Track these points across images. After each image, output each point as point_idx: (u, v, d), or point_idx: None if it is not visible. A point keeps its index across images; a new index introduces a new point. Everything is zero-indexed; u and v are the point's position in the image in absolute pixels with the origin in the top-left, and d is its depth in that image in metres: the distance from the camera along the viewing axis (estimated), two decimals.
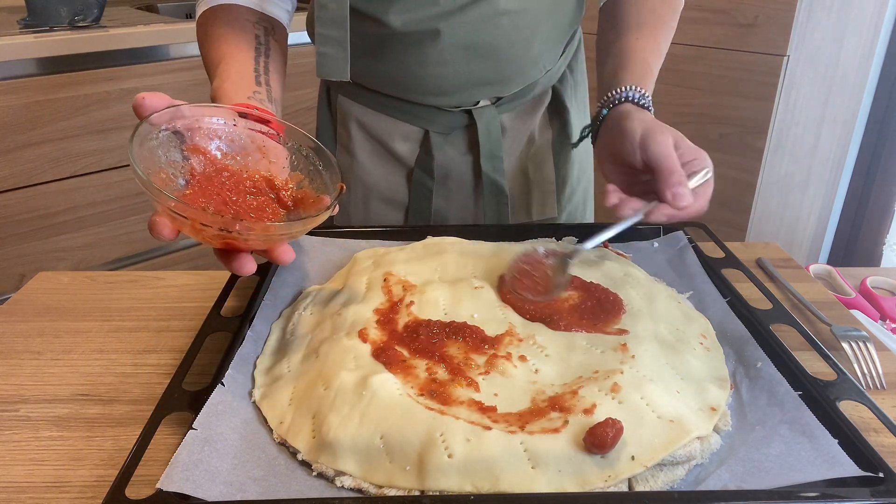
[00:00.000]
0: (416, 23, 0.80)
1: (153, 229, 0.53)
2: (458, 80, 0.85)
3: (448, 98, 0.88)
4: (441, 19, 0.80)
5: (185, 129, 0.59)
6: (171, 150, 0.58)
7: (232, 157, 0.61)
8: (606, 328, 0.65)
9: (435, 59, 0.83)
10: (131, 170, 0.52)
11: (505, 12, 0.81)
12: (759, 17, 1.72)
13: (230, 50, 0.75)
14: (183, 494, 0.47)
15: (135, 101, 0.56)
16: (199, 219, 0.52)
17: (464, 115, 0.90)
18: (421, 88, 0.87)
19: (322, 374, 0.59)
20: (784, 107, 1.78)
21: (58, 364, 0.69)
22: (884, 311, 0.94)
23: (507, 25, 0.82)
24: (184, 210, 0.51)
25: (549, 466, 0.49)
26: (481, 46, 0.83)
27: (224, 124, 0.61)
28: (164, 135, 0.58)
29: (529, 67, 0.88)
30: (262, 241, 0.55)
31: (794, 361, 0.60)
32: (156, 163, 0.56)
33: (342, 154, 0.97)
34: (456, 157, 0.93)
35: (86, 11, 1.69)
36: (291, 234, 0.57)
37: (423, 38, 0.81)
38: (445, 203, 0.95)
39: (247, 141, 0.62)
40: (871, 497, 0.47)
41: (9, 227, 1.61)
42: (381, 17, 0.80)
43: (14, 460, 0.56)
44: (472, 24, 0.81)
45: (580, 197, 1.04)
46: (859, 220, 2.30)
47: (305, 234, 0.59)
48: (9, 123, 1.54)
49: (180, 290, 0.82)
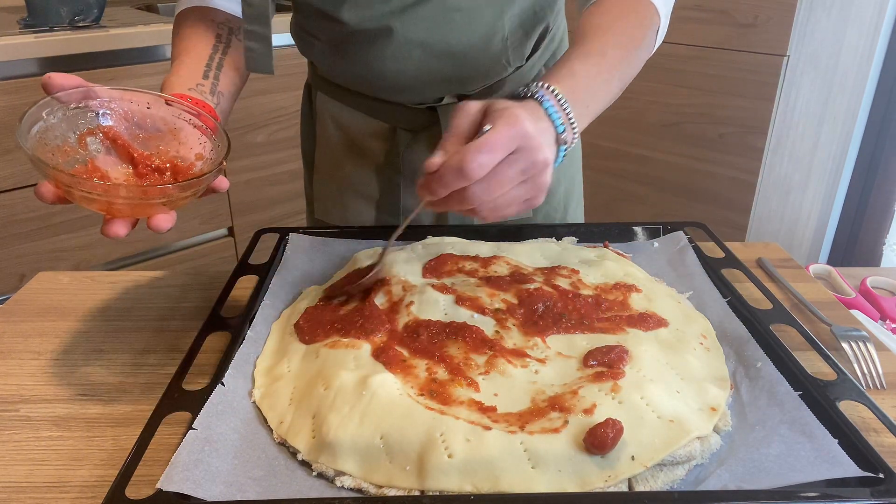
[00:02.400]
0: (369, 20, 0.80)
1: (37, 193, 0.56)
2: (416, 77, 0.85)
3: (409, 95, 0.88)
4: (393, 17, 0.79)
5: (96, 108, 0.62)
6: (77, 127, 0.61)
7: (141, 138, 0.64)
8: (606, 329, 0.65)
9: (391, 56, 0.82)
10: (17, 138, 0.55)
11: (457, 9, 0.80)
12: (759, 17, 1.72)
13: (188, 46, 0.78)
14: (183, 494, 0.47)
15: (42, 80, 0.59)
16: (54, 178, 0.55)
17: (429, 112, 0.90)
18: (382, 85, 0.87)
19: (322, 374, 0.59)
20: (784, 107, 1.78)
21: (58, 364, 0.69)
22: (884, 311, 0.94)
23: (461, 21, 0.81)
24: (43, 168, 0.54)
25: (549, 466, 0.49)
26: (435, 44, 0.82)
27: (138, 106, 0.64)
28: (71, 112, 0.61)
29: (492, 65, 0.87)
30: (129, 205, 0.57)
31: (794, 361, 0.60)
32: (58, 137, 0.59)
33: (321, 149, 0.98)
34: (423, 153, 0.92)
35: (86, 11, 1.69)
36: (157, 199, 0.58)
37: (377, 35, 0.81)
38: (414, 199, 0.95)
39: (160, 123, 0.65)
40: (871, 497, 0.47)
41: (9, 227, 1.61)
42: (334, 15, 0.80)
43: (14, 460, 0.56)
44: (424, 21, 0.80)
45: (560, 198, 1.01)
46: (859, 220, 2.30)
47: (182, 202, 0.60)
48: (9, 123, 1.54)
49: (180, 290, 0.82)
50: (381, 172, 0.95)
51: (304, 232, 0.85)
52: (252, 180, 1.93)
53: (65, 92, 0.60)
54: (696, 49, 1.84)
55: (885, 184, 2.22)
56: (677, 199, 1.99)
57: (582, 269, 0.74)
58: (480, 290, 0.70)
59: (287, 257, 0.80)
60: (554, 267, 0.75)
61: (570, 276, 0.73)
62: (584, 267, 0.75)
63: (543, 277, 0.72)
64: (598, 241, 0.84)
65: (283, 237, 0.84)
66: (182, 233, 1.84)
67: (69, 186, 0.55)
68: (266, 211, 1.99)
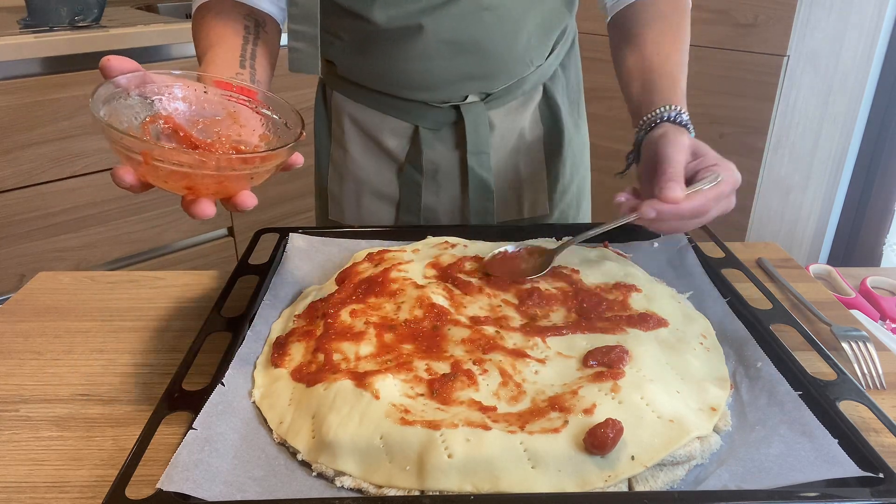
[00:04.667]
0: (400, 18, 0.81)
1: (115, 177, 0.54)
2: (443, 76, 0.86)
3: (434, 93, 0.88)
4: (424, 14, 0.80)
5: (153, 95, 0.60)
6: (136, 114, 0.59)
7: (201, 124, 0.62)
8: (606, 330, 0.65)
9: (419, 55, 0.83)
10: (91, 119, 0.53)
11: (488, 7, 0.81)
12: (759, 17, 1.72)
13: (218, 39, 0.77)
14: (183, 494, 0.47)
15: (101, 63, 0.57)
16: (150, 152, 0.52)
17: (452, 110, 0.90)
18: (407, 84, 0.87)
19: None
20: (784, 107, 1.78)
21: (58, 364, 0.69)
22: (884, 311, 0.94)
23: (490, 20, 0.82)
24: (134, 144, 0.52)
25: (549, 466, 0.49)
26: (465, 41, 0.83)
27: (195, 91, 0.62)
28: (132, 100, 0.58)
29: (516, 63, 0.88)
30: (216, 179, 0.55)
31: (794, 361, 0.60)
32: (121, 123, 0.57)
33: (337, 149, 0.98)
34: (445, 152, 0.93)
35: (86, 11, 1.69)
36: (245, 170, 0.56)
37: (407, 33, 0.82)
38: (435, 198, 0.96)
39: (217, 108, 0.63)
40: (871, 497, 0.47)
41: (9, 227, 1.61)
42: (364, 14, 0.81)
43: (14, 460, 0.56)
44: (455, 19, 0.81)
45: (573, 195, 1.04)
46: (859, 220, 2.30)
47: (264, 176, 0.58)
48: (9, 123, 1.54)
49: (180, 290, 0.82)
50: (402, 172, 0.95)
51: (304, 232, 0.85)
52: None
53: (124, 76, 0.58)
54: (696, 49, 1.82)
55: (885, 184, 2.22)
56: None
57: (582, 269, 0.74)
58: (481, 291, 0.70)
59: (287, 257, 0.80)
60: (554, 267, 0.75)
61: (571, 276, 0.73)
62: (584, 267, 0.75)
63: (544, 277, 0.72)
64: (598, 241, 0.84)
65: (283, 237, 0.84)
66: (182, 233, 1.84)
67: (160, 160, 0.51)
68: (266, 211, 1.99)
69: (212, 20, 0.79)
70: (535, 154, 0.98)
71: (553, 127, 0.98)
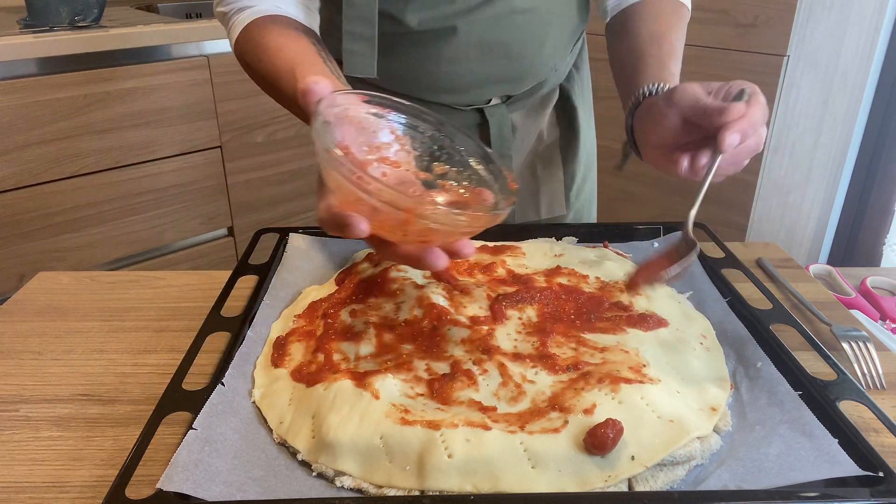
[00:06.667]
0: (433, 21, 0.81)
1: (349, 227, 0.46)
2: (471, 78, 0.86)
3: (460, 96, 0.88)
4: (458, 17, 0.81)
5: (335, 119, 0.54)
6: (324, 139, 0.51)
7: (375, 149, 0.57)
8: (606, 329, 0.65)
9: (449, 57, 0.83)
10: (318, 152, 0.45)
11: (520, 10, 0.82)
12: (759, 17, 1.72)
13: (300, 50, 0.73)
14: (183, 494, 0.47)
15: (303, 86, 0.54)
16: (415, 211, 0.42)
17: (476, 113, 0.90)
18: (434, 86, 0.87)
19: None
20: (784, 107, 1.78)
21: (58, 364, 0.69)
22: (884, 311, 0.94)
23: (521, 23, 0.83)
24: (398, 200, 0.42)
25: (549, 466, 0.49)
26: (495, 44, 0.83)
27: (374, 115, 0.57)
28: (321, 126, 0.51)
29: (541, 66, 0.89)
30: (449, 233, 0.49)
31: (794, 361, 0.60)
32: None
33: None
34: None
35: (86, 11, 1.69)
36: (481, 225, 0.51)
37: (439, 36, 0.82)
38: None
39: (386, 131, 0.58)
40: (871, 497, 0.47)
41: (9, 227, 1.61)
42: (398, 16, 0.81)
43: (14, 460, 0.56)
44: (488, 21, 0.82)
45: (586, 195, 1.05)
46: (859, 220, 2.30)
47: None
48: (9, 123, 1.54)
49: (180, 290, 0.82)
50: None
51: (304, 232, 0.85)
52: (252, 180, 1.93)
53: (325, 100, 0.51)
54: (696, 49, 1.84)
55: (885, 184, 2.22)
56: (677, 199, 1.99)
57: (582, 269, 0.74)
58: (481, 291, 0.70)
59: (287, 257, 0.80)
60: (554, 267, 0.75)
61: (571, 276, 0.73)
62: (584, 267, 0.75)
63: (544, 278, 0.72)
64: (598, 241, 0.84)
65: (283, 237, 0.84)
66: (182, 233, 1.84)
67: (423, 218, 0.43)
68: (266, 211, 1.99)
69: (276, 35, 0.75)
70: (553, 155, 0.98)
71: (569, 127, 0.98)
